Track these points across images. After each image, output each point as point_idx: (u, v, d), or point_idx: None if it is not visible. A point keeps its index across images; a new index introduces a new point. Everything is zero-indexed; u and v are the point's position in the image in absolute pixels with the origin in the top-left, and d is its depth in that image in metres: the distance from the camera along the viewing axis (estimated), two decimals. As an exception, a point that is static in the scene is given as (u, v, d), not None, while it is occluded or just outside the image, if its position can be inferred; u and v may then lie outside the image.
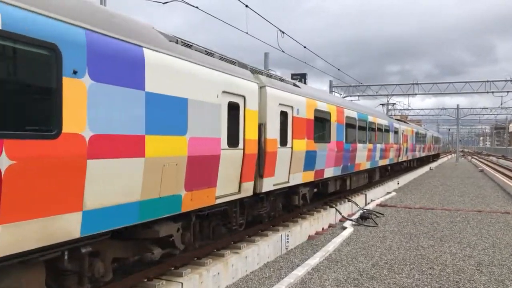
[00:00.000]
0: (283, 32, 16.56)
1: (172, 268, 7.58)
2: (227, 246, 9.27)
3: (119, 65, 5.42)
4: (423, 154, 40.77)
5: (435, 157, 59.55)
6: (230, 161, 8.18)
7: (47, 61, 4.54)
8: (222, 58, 8.54)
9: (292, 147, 10.92)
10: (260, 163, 9.46)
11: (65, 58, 4.67)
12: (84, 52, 4.91)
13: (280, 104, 10.36)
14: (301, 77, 31.05)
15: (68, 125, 4.73)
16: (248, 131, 8.88)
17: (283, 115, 10.55)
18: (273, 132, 9.91)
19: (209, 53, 8.09)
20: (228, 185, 8.26)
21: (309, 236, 12.37)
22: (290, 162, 10.90)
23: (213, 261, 8.18)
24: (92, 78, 5.02)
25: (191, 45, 7.53)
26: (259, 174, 9.49)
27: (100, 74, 5.12)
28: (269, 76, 10.86)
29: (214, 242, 9.00)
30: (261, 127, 9.51)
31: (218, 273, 7.98)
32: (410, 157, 32.12)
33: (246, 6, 13.75)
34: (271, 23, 15.30)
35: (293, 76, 31.89)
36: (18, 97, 4.37)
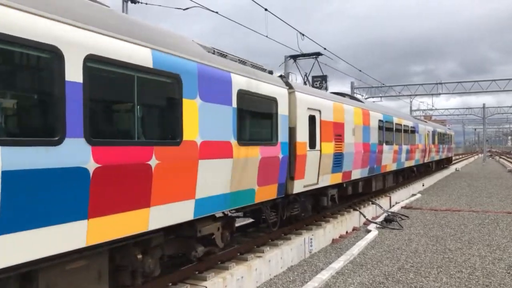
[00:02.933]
0: (302, 35, 16.52)
1: (196, 272, 7.62)
2: (250, 250, 9.27)
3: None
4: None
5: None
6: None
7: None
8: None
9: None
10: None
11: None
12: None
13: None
14: (322, 79, 30.86)
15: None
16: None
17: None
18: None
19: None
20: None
21: (333, 239, 12.25)
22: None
23: (237, 265, 8.18)
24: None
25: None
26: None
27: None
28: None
29: (238, 246, 9.01)
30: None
31: (242, 277, 7.98)
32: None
33: (266, 9, 13.78)
34: (290, 26, 15.29)
35: (314, 78, 31.73)
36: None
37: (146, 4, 14.55)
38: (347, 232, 13.37)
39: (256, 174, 8.33)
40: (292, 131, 9.90)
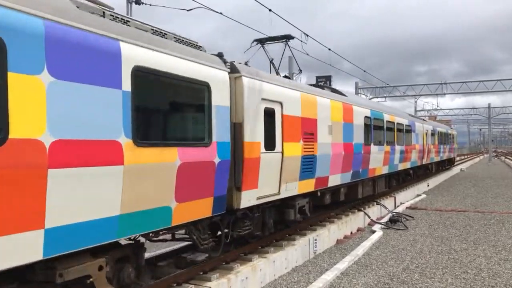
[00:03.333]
0: (307, 35, 16.51)
1: (201, 273, 7.62)
2: (254, 250, 9.26)
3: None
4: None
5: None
6: None
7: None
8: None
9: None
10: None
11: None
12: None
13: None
14: (326, 79, 30.88)
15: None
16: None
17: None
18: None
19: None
20: None
21: (337, 240, 12.22)
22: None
23: (241, 266, 8.18)
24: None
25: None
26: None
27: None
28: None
29: (241, 247, 9.00)
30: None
31: (247, 278, 7.97)
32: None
33: (270, 10, 13.78)
34: (294, 26, 15.27)
35: (318, 78, 31.75)
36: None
37: (150, 5, 14.59)
38: (351, 233, 13.33)
39: (172, 186, 6.20)
40: (237, 128, 7.82)
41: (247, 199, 8.07)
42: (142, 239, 6.67)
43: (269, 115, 8.79)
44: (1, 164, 4.07)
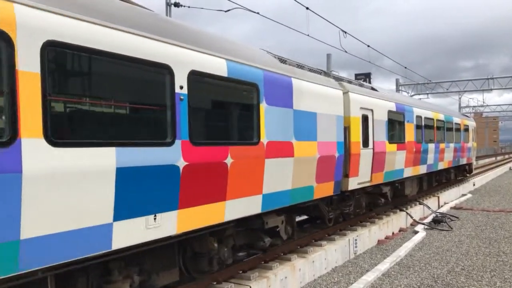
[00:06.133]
0: (345, 32, 16.28)
1: (240, 272, 7.68)
2: (294, 250, 9.23)
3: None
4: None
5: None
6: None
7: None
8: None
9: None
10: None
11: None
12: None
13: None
14: (366, 77, 30.36)
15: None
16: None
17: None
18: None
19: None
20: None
21: (378, 240, 11.99)
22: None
23: (280, 265, 8.18)
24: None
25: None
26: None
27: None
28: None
29: (281, 246, 9.00)
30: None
31: (286, 277, 7.96)
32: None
33: (307, 8, 13.69)
34: (332, 24, 15.11)
35: (357, 76, 31.28)
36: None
37: (189, 7, 14.83)
38: (393, 233, 13.04)
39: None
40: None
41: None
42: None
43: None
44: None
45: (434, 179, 19.25)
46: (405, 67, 30.91)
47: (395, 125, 13.29)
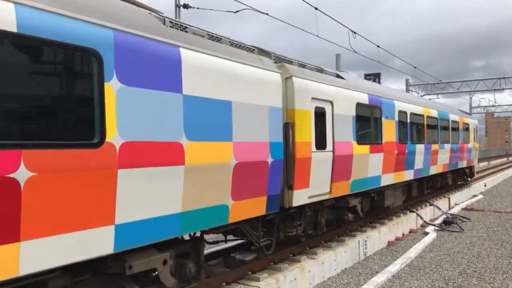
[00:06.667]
0: (354, 33, 16.22)
1: (250, 273, 7.67)
2: (303, 251, 9.20)
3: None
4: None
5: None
6: None
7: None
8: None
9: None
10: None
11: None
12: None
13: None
14: (375, 77, 30.28)
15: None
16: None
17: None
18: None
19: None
20: None
21: (388, 241, 11.91)
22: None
23: (290, 266, 8.15)
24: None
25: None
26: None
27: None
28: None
29: (290, 247, 8.98)
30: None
31: (295, 279, 7.94)
32: None
33: (316, 8, 13.66)
34: (342, 24, 15.06)
35: (366, 76, 31.17)
36: None
37: (198, 8, 14.88)
38: (403, 235, 12.94)
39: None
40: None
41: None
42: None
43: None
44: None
45: (425, 186, 16.24)
46: (415, 67, 30.73)
47: (368, 122, 10.76)
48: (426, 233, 12.92)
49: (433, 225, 14.04)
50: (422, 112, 14.62)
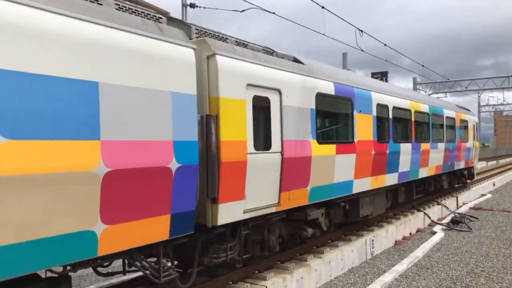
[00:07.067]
0: (361, 31, 16.16)
1: (256, 272, 7.68)
2: (310, 250, 9.19)
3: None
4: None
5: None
6: None
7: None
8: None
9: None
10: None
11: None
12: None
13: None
14: (382, 76, 30.10)
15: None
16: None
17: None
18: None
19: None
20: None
21: (395, 241, 11.86)
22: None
23: (296, 266, 8.15)
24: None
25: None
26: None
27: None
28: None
29: (297, 246, 8.97)
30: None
31: (302, 278, 7.93)
32: None
33: (323, 7, 13.63)
34: (348, 23, 15.01)
35: (373, 74, 31.01)
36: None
37: (204, 8, 14.90)
38: (410, 234, 12.89)
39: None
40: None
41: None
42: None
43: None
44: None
45: (414, 190, 14.12)
46: (423, 66, 30.56)
47: (333, 117, 9.25)
48: (434, 233, 12.85)
49: (441, 224, 13.96)
50: (409, 106, 12.63)
